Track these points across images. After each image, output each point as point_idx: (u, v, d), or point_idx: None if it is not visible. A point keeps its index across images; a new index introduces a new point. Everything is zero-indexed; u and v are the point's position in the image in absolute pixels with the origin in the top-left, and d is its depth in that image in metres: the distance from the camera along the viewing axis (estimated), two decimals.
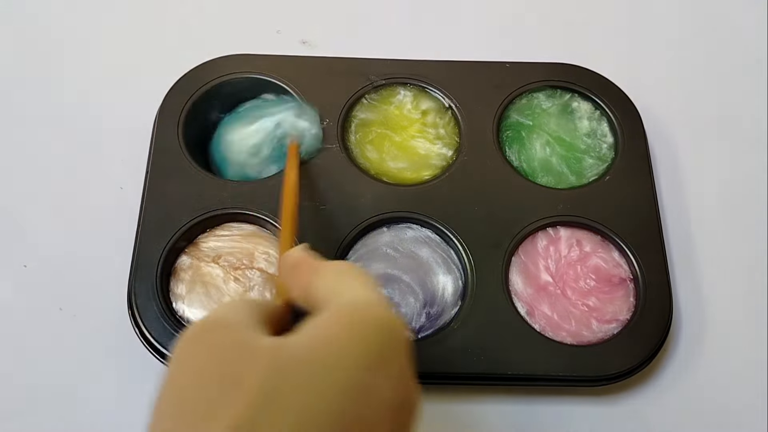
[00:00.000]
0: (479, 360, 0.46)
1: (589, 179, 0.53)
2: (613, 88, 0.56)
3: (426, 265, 0.50)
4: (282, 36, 0.62)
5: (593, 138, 0.55)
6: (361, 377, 0.27)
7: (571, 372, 0.46)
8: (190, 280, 0.48)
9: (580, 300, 0.49)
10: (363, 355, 0.28)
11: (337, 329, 0.29)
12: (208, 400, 0.27)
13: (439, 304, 0.49)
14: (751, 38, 0.63)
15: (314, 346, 0.28)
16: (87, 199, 0.54)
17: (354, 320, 0.29)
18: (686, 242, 0.54)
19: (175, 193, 0.51)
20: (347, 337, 0.29)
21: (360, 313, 0.30)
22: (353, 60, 0.56)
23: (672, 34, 0.64)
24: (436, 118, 0.55)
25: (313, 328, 0.30)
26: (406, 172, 0.53)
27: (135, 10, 0.63)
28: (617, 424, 0.48)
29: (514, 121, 0.55)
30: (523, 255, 0.50)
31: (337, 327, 0.29)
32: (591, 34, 0.64)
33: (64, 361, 0.49)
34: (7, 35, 0.61)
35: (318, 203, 0.51)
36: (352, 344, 0.28)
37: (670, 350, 0.50)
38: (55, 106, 0.58)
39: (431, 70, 0.56)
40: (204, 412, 0.26)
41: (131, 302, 0.47)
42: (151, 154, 0.52)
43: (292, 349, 0.28)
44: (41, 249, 0.52)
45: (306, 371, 0.27)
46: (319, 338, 0.29)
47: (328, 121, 0.54)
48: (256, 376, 0.26)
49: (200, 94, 0.54)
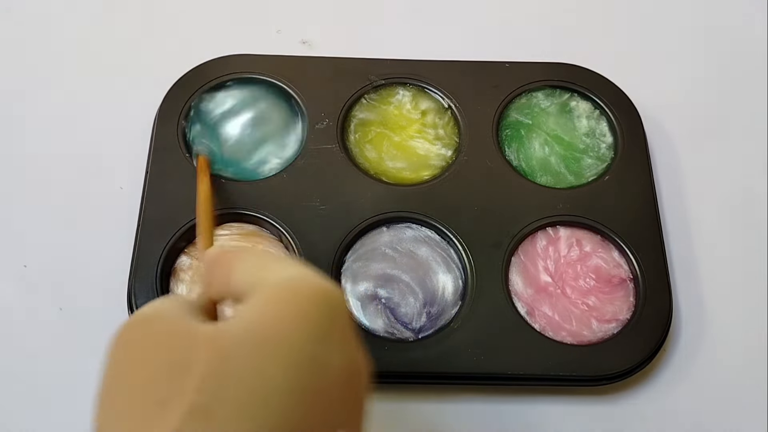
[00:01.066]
0: (479, 360, 0.46)
1: (588, 179, 0.53)
2: (613, 88, 0.56)
3: (425, 265, 0.50)
4: (282, 36, 0.62)
5: (592, 137, 0.55)
6: (307, 350, 0.27)
7: (572, 372, 0.46)
8: (190, 281, 0.48)
9: (580, 299, 0.49)
10: (305, 327, 0.28)
11: (273, 306, 0.29)
12: (158, 389, 0.26)
13: (439, 303, 0.49)
14: (751, 38, 0.63)
15: (254, 327, 0.28)
16: (87, 199, 0.54)
17: (289, 295, 0.29)
18: (686, 242, 0.54)
19: (175, 193, 0.51)
20: (286, 312, 0.28)
21: (294, 287, 0.29)
22: (353, 60, 0.56)
23: (672, 33, 0.64)
24: (436, 118, 0.55)
25: (249, 311, 0.29)
26: (405, 172, 0.53)
27: (135, 10, 0.63)
28: (617, 424, 0.48)
29: (513, 120, 0.55)
30: (523, 255, 0.50)
31: (273, 304, 0.29)
32: (591, 34, 0.63)
33: (64, 361, 0.49)
34: (7, 35, 0.61)
35: (317, 203, 0.51)
36: (292, 318, 0.28)
37: (670, 350, 0.50)
38: (55, 105, 0.58)
39: (430, 70, 0.56)
40: (156, 401, 0.26)
41: (131, 302, 0.47)
42: (151, 154, 0.52)
43: (234, 331, 0.27)
44: (41, 249, 0.52)
45: (252, 351, 0.27)
46: (258, 318, 0.28)
47: (328, 121, 0.54)
48: (204, 361, 0.26)
49: (200, 94, 0.54)
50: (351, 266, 0.49)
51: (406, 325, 0.48)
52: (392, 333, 0.47)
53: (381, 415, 0.48)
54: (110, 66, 0.60)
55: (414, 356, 0.46)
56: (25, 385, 0.48)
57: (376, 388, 0.49)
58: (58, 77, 0.59)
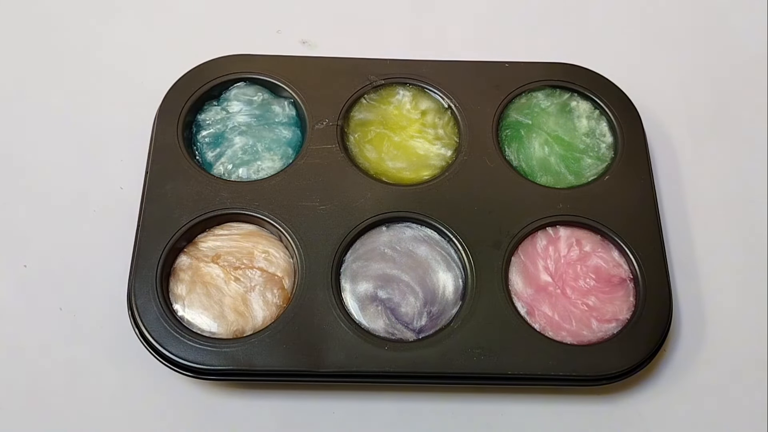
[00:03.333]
0: (479, 360, 0.46)
1: (588, 179, 0.53)
2: (612, 88, 0.56)
3: (425, 264, 0.50)
4: (282, 36, 0.62)
5: (592, 137, 0.55)
6: None
7: (572, 372, 0.46)
8: (190, 281, 0.48)
9: (580, 299, 0.49)
10: None
11: None
12: None
13: (440, 302, 0.49)
14: (751, 38, 0.63)
15: None
16: (87, 199, 0.54)
17: None
18: (686, 242, 0.54)
19: (175, 193, 0.51)
20: None
21: None
22: (352, 60, 0.56)
23: (672, 33, 0.64)
24: (436, 118, 0.55)
25: None
26: (405, 172, 0.53)
27: (135, 9, 0.63)
28: (617, 424, 0.48)
29: (513, 120, 0.55)
30: (523, 255, 0.50)
31: None
32: (591, 34, 0.64)
33: (64, 361, 0.49)
34: (8, 35, 0.61)
35: (317, 203, 0.51)
36: None
37: (670, 350, 0.50)
38: (56, 106, 0.58)
39: (430, 70, 0.56)
40: None
41: (131, 302, 0.47)
42: (151, 154, 0.52)
43: None
44: (41, 249, 0.52)
45: None
46: None
47: (328, 121, 0.54)
48: None
49: (200, 94, 0.54)
50: (350, 266, 0.49)
51: (407, 325, 0.48)
52: (392, 333, 0.47)
53: (381, 415, 0.48)
54: (110, 66, 0.60)
55: (414, 356, 0.46)
56: (25, 385, 0.48)
57: (377, 389, 0.49)
58: (59, 77, 0.59)
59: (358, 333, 0.47)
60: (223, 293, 0.48)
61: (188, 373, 0.46)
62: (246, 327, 0.47)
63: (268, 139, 0.53)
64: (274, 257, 0.49)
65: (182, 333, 0.46)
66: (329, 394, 0.48)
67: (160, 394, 0.48)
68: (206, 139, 0.53)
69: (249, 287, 0.48)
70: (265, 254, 0.49)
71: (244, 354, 0.46)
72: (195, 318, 0.47)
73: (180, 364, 0.46)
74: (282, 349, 0.46)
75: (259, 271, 0.49)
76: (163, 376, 0.48)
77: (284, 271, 0.49)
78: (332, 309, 0.47)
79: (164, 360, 0.46)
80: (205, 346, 0.46)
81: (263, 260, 0.49)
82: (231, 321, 0.47)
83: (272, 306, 0.48)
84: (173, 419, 0.48)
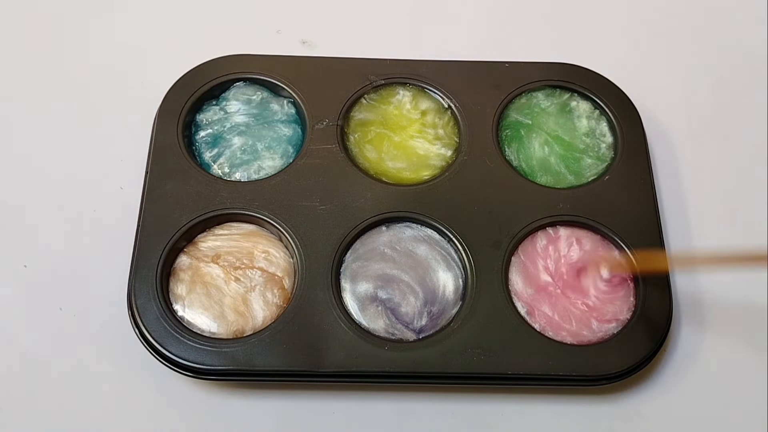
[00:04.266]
0: (479, 360, 0.46)
1: (588, 179, 0.53)
2: (612, 88, 0.56)
3: (425, 263, 0.50)
4: (282, 36, 0.62)
5: (592, 137, 0.55)
6: None
7: (572, 372, 0.46)
8: (190, 281, 0.48)
9: (580, 299, 0.49)
10: None
11: None
12: None
13: (440, 302, 0.49)
14: (751, 38, 0.63)
15: None
16: (87, 199, 0.54)
17: None
18: (686, 242, 0.54)
19: (175, 193, 0.51)
20: None
21: None
22: (352, 60, 0.56)
23: (672, 33, 0.64)
24: (436, 118, 0.55)
25: None
26: (405, 172, 0.53)
27: (135, 9, 0.63)
28: (617, 424, 0.48)
29: (513, 120, 0.55)
30: (523, 255, 0.50)
31: None
32: (591, 34, 0.64)
33: (64, 361, 0.49)
34: (7, 34, 0.61)
35: (317, 203, 0.51)
36: None
37: (670, 350, 0.50)
38: (56, 106, 0.58)
39: (430, 70, 0.56)
40: None
41: (131, 302, 0.47)
42: (150, 154, 0.52)
43: None
44: (41, 249, 0.52)
45: None
46: None
47: (328, 121, 0.54)
48: None
49: (200, 94, 0.54)
50: (350, 266, 0.49)
51: (407, 325, 0.48)
52: (392, 333, 0.47)
53: (381, 415, 0.48)
54: (110, 66, 0.60)
55: (414, 356, 0.46)
56: (25, 385, 0.48)
57: (377, 389, 0.49)
58: (59, 77, 0.59)
59: (358, 333, 0.47)
60: (223, 293, 0.48)
61: (188, 373, 0.46)
62: (246, 327, 0.47)
63: (268, 138, 0.53)
64: (274, 257, 0.49)
65: (182, 333, 0.46)
66: (329, 394, 0.48)
67: (160, 394, 0.48)
68: (205, 140, 0.53)
69: (249, 287, 0.48)
70: (265, 254, 0.49)
71: (244, 354, 0.46)
72: (195, 318, 0.47)
73: (180, 364, 0.46)
74: (282, 349, 0.46)
75: (259, 271, 0.49)
76: (163, 376, 0.48)
77: (284, 271, 0.49)
78: (332, 309, 0.47)
79: (164, 360, 0.46)
80: (205, 346, 0.46)
81: (263, 260, 0.49)
82: (231, 321, 0.47)
83: (272, 306, 0.48)
84: (173, 419, 0.48)
